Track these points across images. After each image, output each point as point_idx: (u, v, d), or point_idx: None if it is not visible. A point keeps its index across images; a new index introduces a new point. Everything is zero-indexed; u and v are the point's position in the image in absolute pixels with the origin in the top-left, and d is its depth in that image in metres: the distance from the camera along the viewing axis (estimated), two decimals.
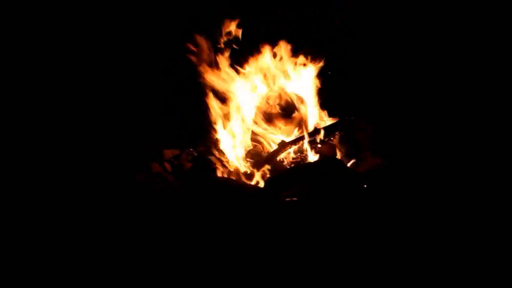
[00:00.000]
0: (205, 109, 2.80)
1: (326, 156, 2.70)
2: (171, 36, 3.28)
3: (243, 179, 2.64)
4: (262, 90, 2.89)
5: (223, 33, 2.91)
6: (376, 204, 2.31)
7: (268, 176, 2.63)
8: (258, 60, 2.88)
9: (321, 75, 2.94)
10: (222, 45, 2.86)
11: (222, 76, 2.78)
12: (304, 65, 2.90)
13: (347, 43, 3.17)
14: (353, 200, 2.36)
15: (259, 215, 2.31)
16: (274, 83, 2.92)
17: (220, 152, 2.70)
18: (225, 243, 2.12)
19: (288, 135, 2.82)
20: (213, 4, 3.44)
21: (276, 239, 2.13)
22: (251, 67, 2.88)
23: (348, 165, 2.67)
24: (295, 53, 2.89)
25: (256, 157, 2.73)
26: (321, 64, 2.90)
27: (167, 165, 2.66)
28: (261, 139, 2.83)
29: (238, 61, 2.90)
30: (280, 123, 2.81)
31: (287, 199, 2.38)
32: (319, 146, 2.75)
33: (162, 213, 2.32)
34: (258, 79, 2.87)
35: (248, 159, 2.73)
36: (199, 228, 2.21)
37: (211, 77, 2.77)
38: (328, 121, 2.93)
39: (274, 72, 2.89)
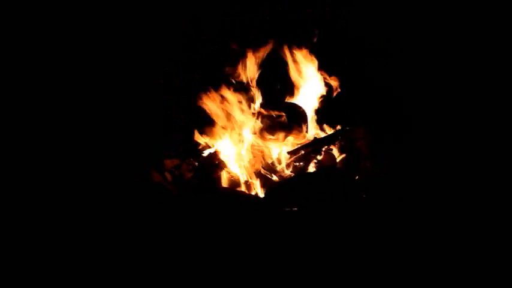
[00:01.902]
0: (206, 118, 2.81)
1: (326, 165, 2.71)
2: (174, 43, 3.26)
3: (244, 188, 2.65)
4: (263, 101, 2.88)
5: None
6: (376, 213, 2.33)
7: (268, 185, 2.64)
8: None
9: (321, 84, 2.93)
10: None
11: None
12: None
13: (347, 52, 3.15)
14: (353, 209, 2.38)
15: (259, 225, 2.33)
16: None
17: (221, 161, 2.69)
18: (224, 253, 2.14)
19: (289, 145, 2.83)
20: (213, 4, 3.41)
21: (276, 249, 2.15)
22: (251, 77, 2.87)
23: (348, 174, 2.67)
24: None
25: (257, 167, 2.73)
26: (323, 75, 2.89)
27: (168, 175, 2.65)
28: (262, 149, 2.82)
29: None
30: (280, 134, 2.81)
31: (287, 209, 2.40)
32: (319, 155, 2.75)
33: (162, 223, 2.34)
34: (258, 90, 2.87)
35: (248, 169, 2.73)
36: (199, 237, 2.23)
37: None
38: (328, 130, 2.93)
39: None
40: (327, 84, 2.92)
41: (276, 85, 2.96)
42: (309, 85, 2.91)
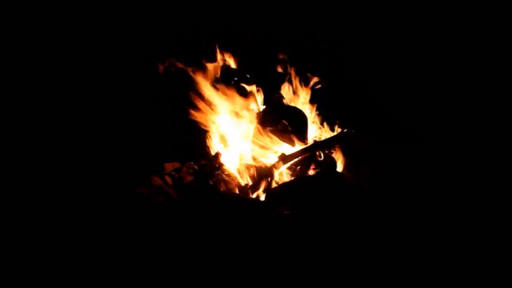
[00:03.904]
0: (205, 122, 2.81)
1: (326, 169, 2.70)
2: (174, 49, 3.28)
3: (243, 192, 2.65)
4: (262, 103, 2.89)
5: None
6: (376, 217, 2.33)
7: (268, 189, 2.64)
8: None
9: (322, 87, 2.94)
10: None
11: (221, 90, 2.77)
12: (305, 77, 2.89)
13: (347, 56, 3.16)
14: (352, 213, 2.38)
15: (259, 228, 2.33)
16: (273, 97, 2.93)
17: (221, 165, 2.69)
18: (224, 256, 2.14)
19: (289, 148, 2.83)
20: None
21: (276, 253, 2.15)
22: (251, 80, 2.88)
23: (348, 178, 2.67)
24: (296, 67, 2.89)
25: (257, 170, 2.73)
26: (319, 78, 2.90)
27: (168, 179, 2.65)
28: (262, 152, 2.82)
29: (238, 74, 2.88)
30: (280, 137, 2.81)
31: (287, 212, 2.39)
32: (319, 159, 2.75)
33: (163, 226, 2.34)
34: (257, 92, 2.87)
35: (248, 172, 2.73)
36: (199, 241, 2.23)
37: (210, 92, 2.77)
38: (330, 134, 2.93)
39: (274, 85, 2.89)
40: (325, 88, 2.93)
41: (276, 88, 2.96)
42: (309, 89, 2.92)
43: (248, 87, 2.83)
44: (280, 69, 2.97)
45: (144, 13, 3.41)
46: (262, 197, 2.61)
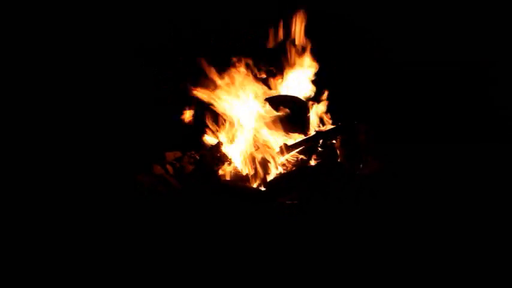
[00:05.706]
0: (207, 111, 2.81)
1: (327, 160, 2.70)
2: (175, 39, 3.31)
3: (245, 181, 2.64)
4: (263, 93, 2.90)
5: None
6: (377, 208, 2.32)
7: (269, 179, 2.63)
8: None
9: (323, 78, 2.96)
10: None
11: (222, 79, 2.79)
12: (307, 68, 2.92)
13: (351, 47, 3.19)
14: (353, 204, 2.37)
15: (260, 218, 2.32)
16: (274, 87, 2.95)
17: (222, 154, 2.69)
18: (225, 246, 2.12)
19: (290, 138, 2.83)
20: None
21: (276, 242, 2.13)
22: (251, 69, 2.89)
23: (349, 168, 2.67)
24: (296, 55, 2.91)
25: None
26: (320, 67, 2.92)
27: (169, 168, 2.65)
28: (263, 142, 2.81)
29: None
30: (282, 127, 2.81)
31: (288, 202, 2.39)
32: (320, 149, 2.75)
33: (164, 216, 2.32)
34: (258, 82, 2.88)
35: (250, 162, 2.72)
36: (200, 230, 2.22)
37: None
38: (330, 125, 2.94)
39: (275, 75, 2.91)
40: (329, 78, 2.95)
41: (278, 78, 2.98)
42: (311, 78, 2.94)
43: (250, 79, 2.86)
44: (282, 61, 2.99)
45: (144, 13, 3.45)
46: (263, 187, 2.60)
